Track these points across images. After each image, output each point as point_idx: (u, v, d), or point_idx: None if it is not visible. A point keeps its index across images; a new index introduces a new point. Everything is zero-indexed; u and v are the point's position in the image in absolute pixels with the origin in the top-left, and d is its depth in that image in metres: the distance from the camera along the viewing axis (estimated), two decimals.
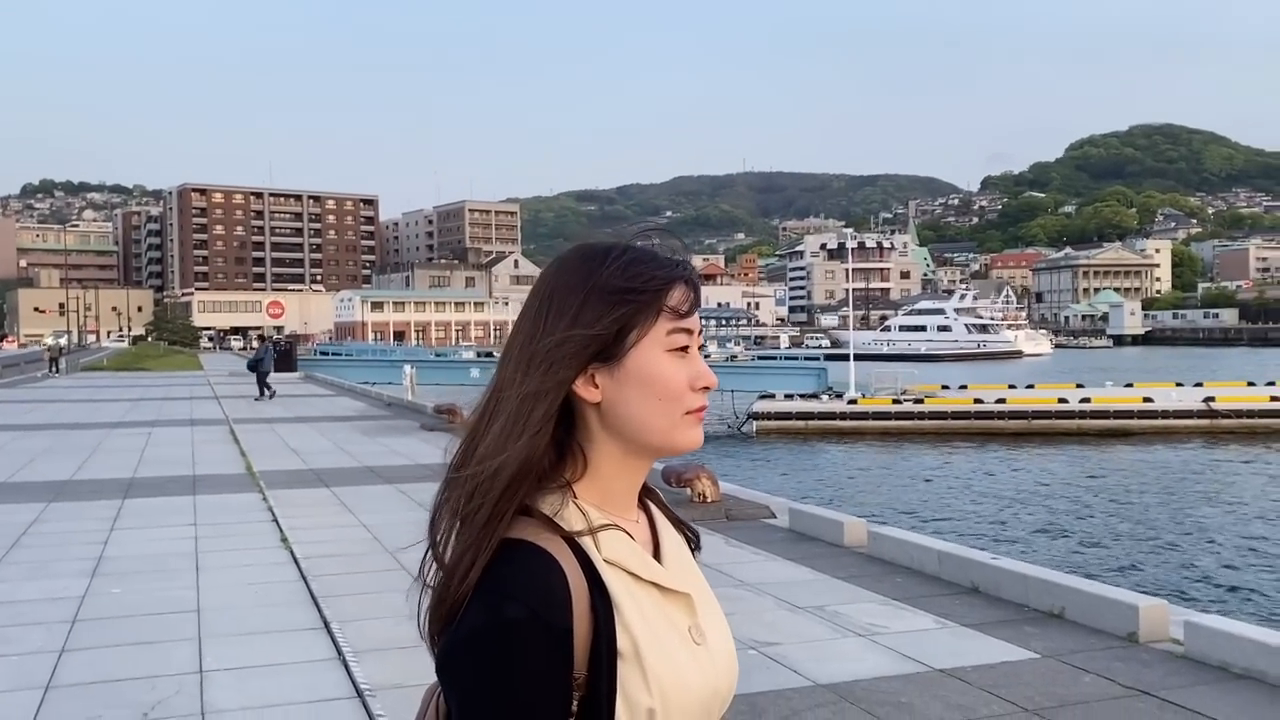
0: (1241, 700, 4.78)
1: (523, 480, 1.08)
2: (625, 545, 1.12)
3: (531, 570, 1.04)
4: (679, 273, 1.13)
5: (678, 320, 1.11)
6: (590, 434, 1.12)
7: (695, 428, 1.13)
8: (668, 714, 1.06)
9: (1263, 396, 31.22)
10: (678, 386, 1.11)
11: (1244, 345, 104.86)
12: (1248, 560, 14.22)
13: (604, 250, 1.14)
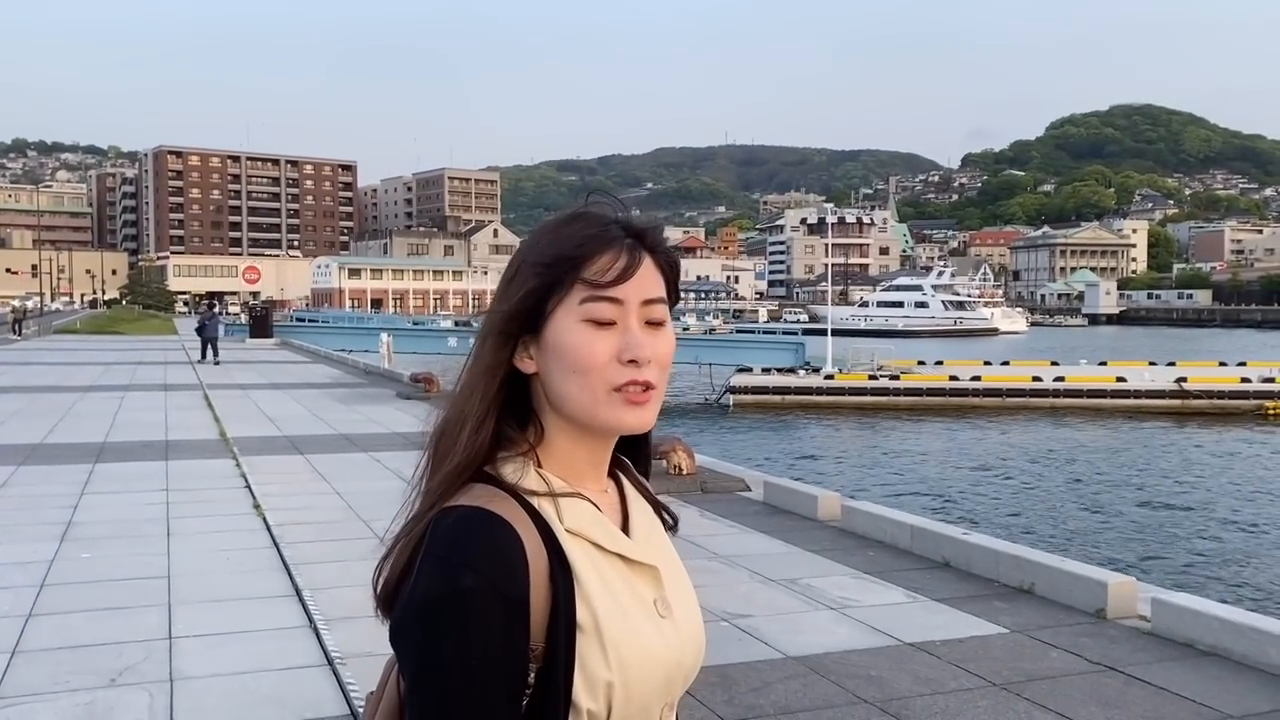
0: (1207, 677, 4.84)
1: (472, 456, 1.08)
2: (589, 515, 1.10)
3: (488, 539, 1.02)
4: (604, 241, 1.08)
5: (595, 289, 1.06)
6: (541, 405, 1.12)
7: (627, 407, 1.07)
8: (627, 687, 1.04)
9: (1233, 377, 31.54)
10: (591, 358, 1.06)
11: (1217, 326, 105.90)
12: (1215, 538, 14.41)
13: (547, 221, 1.14)
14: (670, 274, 1.14)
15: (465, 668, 0.98)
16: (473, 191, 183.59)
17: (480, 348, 1.11)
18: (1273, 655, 4.87)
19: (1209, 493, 17.90)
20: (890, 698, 4.56)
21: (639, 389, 1.07)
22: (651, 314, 1.09)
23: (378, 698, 1.18)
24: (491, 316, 1.11)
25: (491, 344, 1.10)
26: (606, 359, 1.06)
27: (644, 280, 1.09)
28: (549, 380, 1.09)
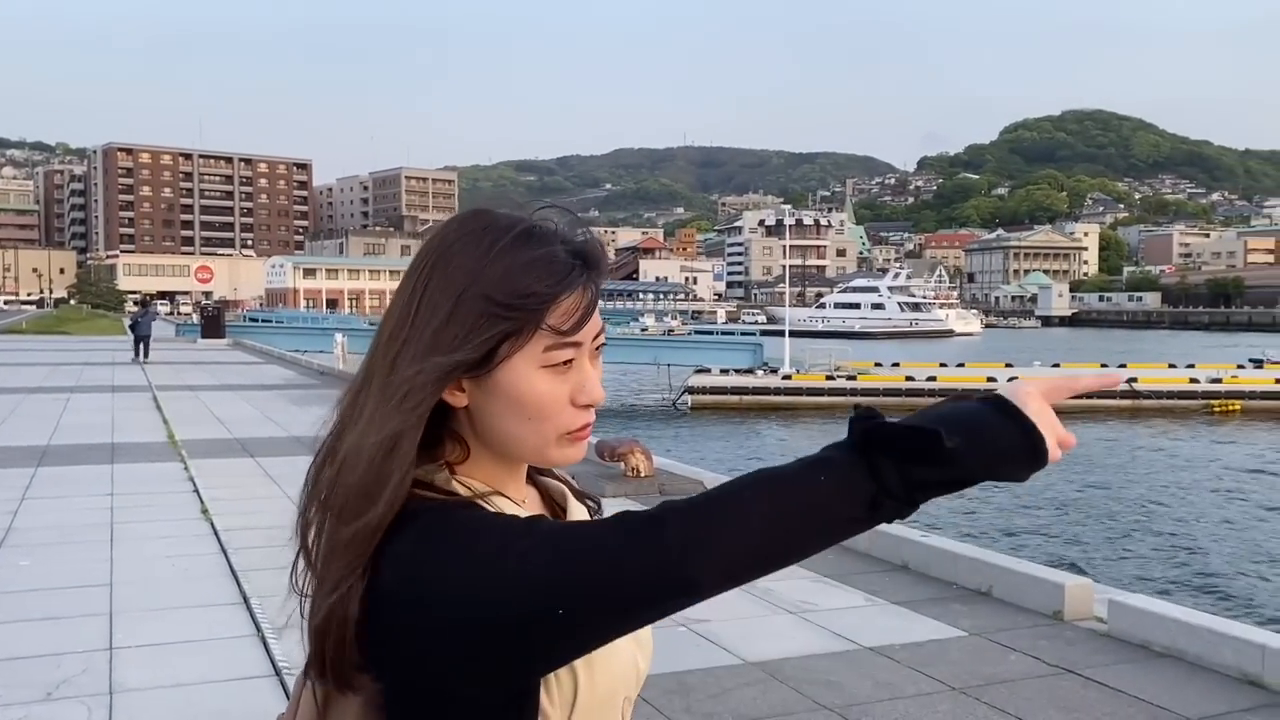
0: (1163, 678, 4.85)
1: (395, 505, 0.95)
2: (517, 510, 1.03)
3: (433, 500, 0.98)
4: (567, 284, 0.97)
5: (561, 336, 0.96)
6: (465, 431, 1.02)
7: (573, 446, 1.02)
8: (596, 682, 0.99)
9: (1182, 378, 32.13)
10: (551, 405, 0.98)
11: (1165, 328, 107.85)
12: (1169, 538, 14.61)
13: (492, 239, 0.98)
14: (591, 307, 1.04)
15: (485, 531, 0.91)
16: (430, 191, 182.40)
17: (407, 389, 0.95)
18: (1227, 656, 4.89)
19: (1162, 492, 18.16)
20: (850, 703, 4.52)
21: (585, 429, 1.02)
22: (598, 344, 1.02)
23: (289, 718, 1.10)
24: (428, 361, 0.95)
25: (429, 390, 0.95)
26: (562, 404, 0.99)
27: (596, 315, 1.00)
28: (489, 420, 1.00)
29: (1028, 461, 0.89)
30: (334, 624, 0.95)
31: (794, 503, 0.86)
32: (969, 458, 0.86)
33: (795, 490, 0.87)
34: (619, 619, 0.89)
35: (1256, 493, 17.86)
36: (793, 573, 6.76)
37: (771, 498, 0.86)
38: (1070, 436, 0.91)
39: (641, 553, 0.84)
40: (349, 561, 0.94)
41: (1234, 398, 29.97)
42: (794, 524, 0.86)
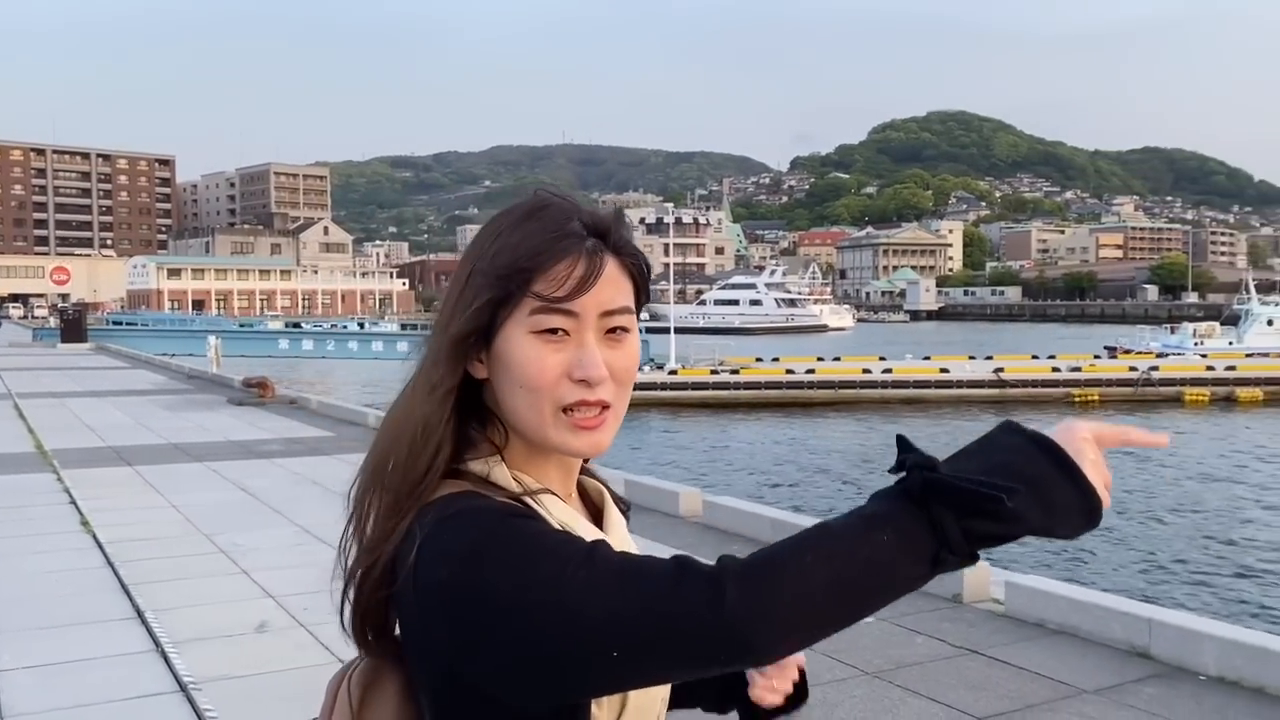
0: (1059, 654, 5.10)
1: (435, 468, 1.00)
2: (567, 510, 1.05)
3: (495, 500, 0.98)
4: (560, 249, 0.98)
5: (546, 303, 0.97)
6: (499, 412, 1.04)
7: (575, 432, 0.99)
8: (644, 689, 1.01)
9: (1045, 368, 33.77)
10: (540, 375, 0.98)
11: (1026, 321, 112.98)
12: None
13: (500, 218, 1.04)
14: (640, 275, 1.05)
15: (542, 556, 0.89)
16: (301, 188, 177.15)
17: (432, 367, 1.01)
18: (1117, 631, 5.17)
19: None
20: None
21: (592, 410, 0.99)
22: (612, 323, 1.00)
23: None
24: (443, 334, 1.01)
25: (445, 366, 1.00)
26: (556, 376, 0.98)
27: (604, 289, 0.99)
28: (499, 392, 1.02)
29: (1085, 523, 0.88)
30: (367, 591, 1.01)
31: (857, 564, 0.84)
32: (1029, 516, 0.85)
33: (858, 551, 0.85)
34: (668, 671, 0.91)
35: (1121, 476, 18.88)
36: None
37: (834, 559, 0.84)
38: (1109, 477, 0.91)
39: (703, 613, 0.83)
40: (387, 529, 0.99)
41: (1093, 386, 31.63)
42: (857, 586, 0.85)
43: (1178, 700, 4.53)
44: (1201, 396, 31.04)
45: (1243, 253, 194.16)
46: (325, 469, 10.72)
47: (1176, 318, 67.42)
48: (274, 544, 7.34)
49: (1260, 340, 42.33)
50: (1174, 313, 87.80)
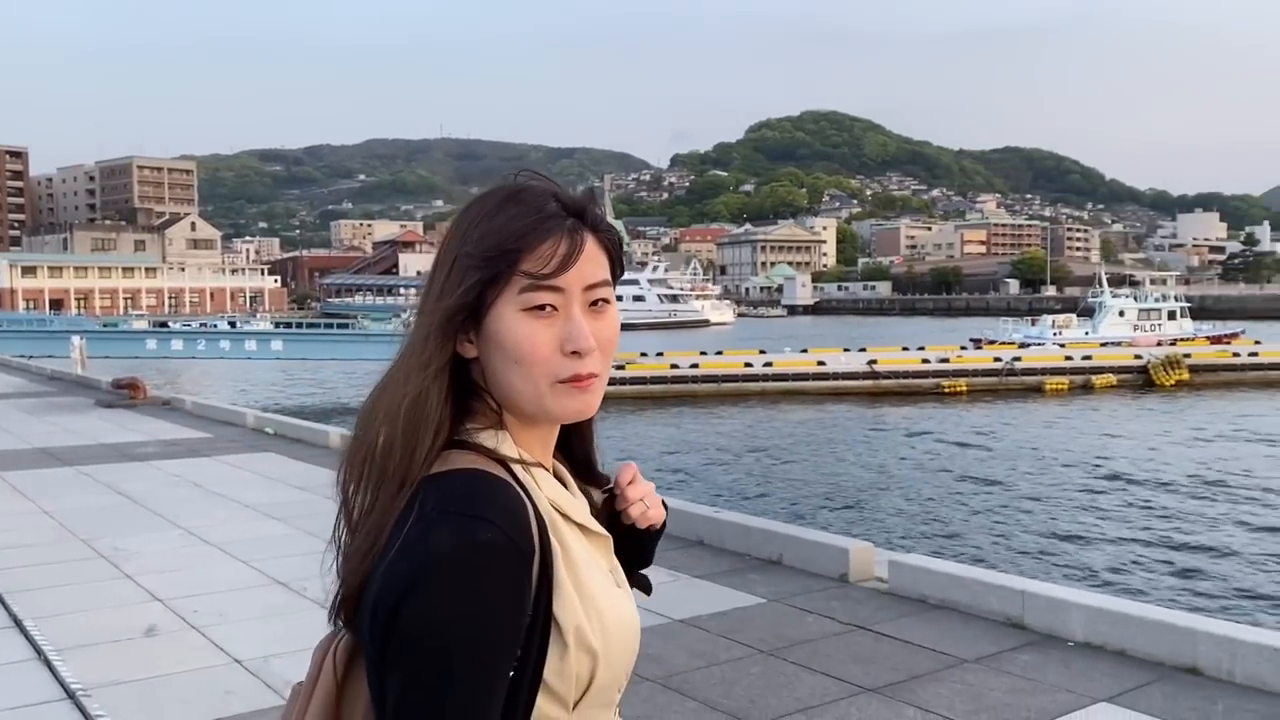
0: (940, 627, 5.38)
1: (434, 443, 1.04)
2: (555, 484, 1.11)
3: (496, 494, 1.01)
4: (544, 229, 1.05)
5: (535, 280, 1.04)
6: (490, 390, 1.10)
7: (571, 395, 1.06)
8: (608, 657, 1.05)
9: (915, 359, 35.05)
10: (534, 349, 1.04)
11: (896, 315, 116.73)
12: (933, 502, 16.03)
13: (479, 203, 1.09)
14: (614, 250, 1.12)
15: (486, 619, 0.95)
16: (166, 182, 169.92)
17: (423, 346, 1.06)
18: (993, 603, 5.48)
19: (915, 462, 19.78)
20: (670, 674, 4.74)
21: (582, 379, 1.06)
22: (595, 296, 1.08)
23: (309, 689, 1.12)
24: (432, 314, 1.06)
25: (435, 342, 1.05)
26: (549, 351, 1.04)
27: (586, 264, 1.06)
28: (491, 369, 1.07)
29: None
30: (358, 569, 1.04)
31: None
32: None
33: None
34: None
35: (995, 460, 19.78)
36: None
37: None
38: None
39: None
40: (393, 508, 1.02)
41: (960, 376, 32.96)
42: None
43: (1049, 665, 4.84)
44: (1060, 384, 32.69)
45: (1096, 248, 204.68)
46: (206, 471, 10.41)
47: (1036, 310, 70.69)
48: (158, 548, 7.12)
49: (1113, 330, 44.81)
50: (1034, 305, 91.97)
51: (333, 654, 1.10)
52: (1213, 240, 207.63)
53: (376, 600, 0.98)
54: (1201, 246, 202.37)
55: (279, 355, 33.58)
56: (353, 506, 1.08)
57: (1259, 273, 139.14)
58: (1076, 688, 4.56)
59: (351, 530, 1.08)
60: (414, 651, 0.95)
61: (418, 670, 0.95)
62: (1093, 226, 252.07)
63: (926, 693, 4.53)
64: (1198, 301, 69.47)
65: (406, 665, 0.95)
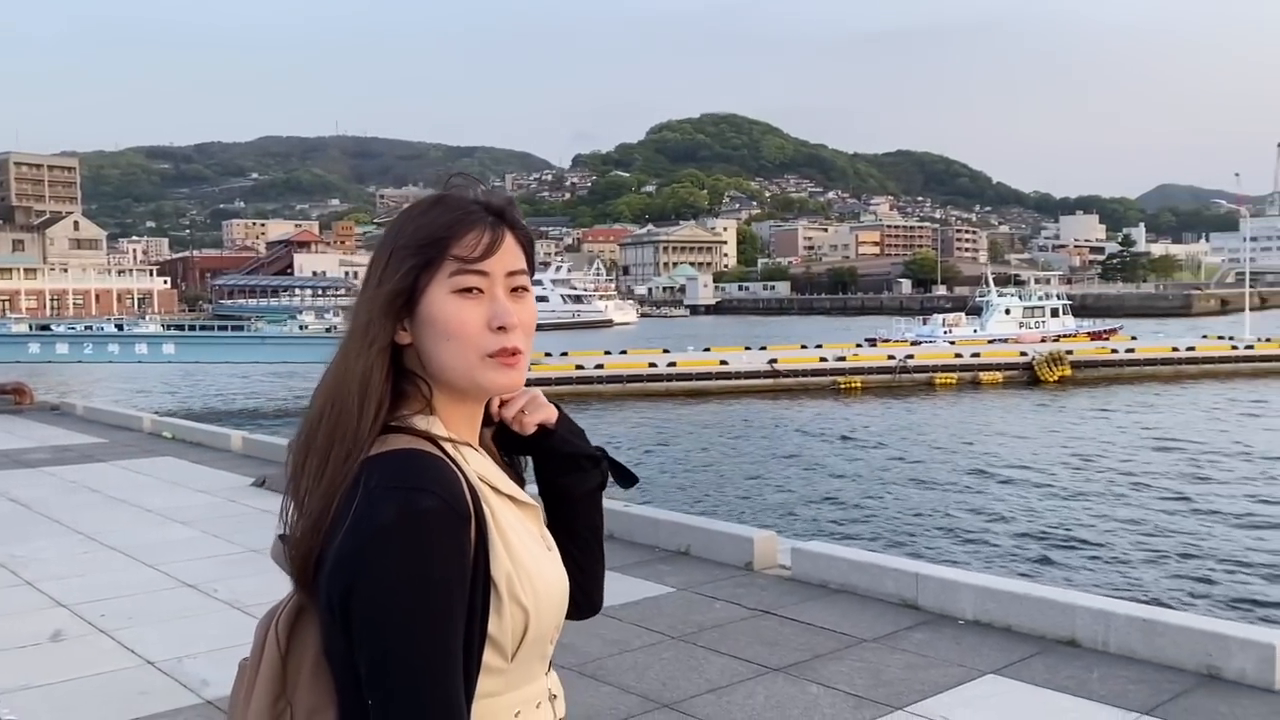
0: (841, 609, 5.66)
1: (377, 418, 1.16)
2: (482, 460, 1.24)
3: (436, 469, 1.13)
4: (468, 222, 1.19)
5: (463, 264, 1.17)
6: (421, 374, 1.22)
7: (500, 370, 1.19)
8: (539, 612, 1.18)
9: (813, 358, 35.86)
10: (462, 326, 1.17)
11: (795, 314, 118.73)
12: (832, 492, 16.55)
13: (411, 208, 1.24)
14: (529, 247, 1.27)
15: (432, 582, 1.07)
16: (46, 179, 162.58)
17: (365, 328, 1.18)
18: (889, 586, 5.78)
19: (814, 456, 20.31)
20: (586, 661, 4.89)
21: (509, 354, 1.19)
22: (515, 283, 1.22)
23: (254, 663, 1.22)
24: (373, 299, 1.19)
25: (379, 324, 1.18)
26: (478, 327, 1.18)
27: (507, 254, 1.21)
28: (425, 350, 1.20)
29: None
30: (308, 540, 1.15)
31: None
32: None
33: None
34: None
35: (889, 453, 20.43)
36: None
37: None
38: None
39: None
40: (338, 477, 1.14)
41: (856, 374, 33.87)
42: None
43: (941, 642, 5.15)
44: (950, 380, 33.83)
45: (984, 248, 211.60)
46: (103, 476, 10.16)
47: (928, 309, 72.86)
48: (58, 553, 6.97)
49: (1000, 328, 46.53)
50: (925, 304, 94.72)
51: (274, 628, 1.20)
52: (1092, 241, 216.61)
53: (332, 571, 1.10)
54: (1082, 247, 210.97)
55: (171, 359, 32.56)
56: (301, 477, 1.18)
57: (1135, 272, 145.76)
58: (967, 662, 4.87)
59: (300, 500, 1.18)
60: (377, 620, 1.06)
61: (384, 636, 1.06)
62: (980, 228, 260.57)
63: (829, 671, 4.78)
64: (1079, 300, 72.54)
65: (372, 633, 1.06)
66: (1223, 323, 62.93)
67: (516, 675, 1.19)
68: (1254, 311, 50.16)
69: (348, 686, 1.13)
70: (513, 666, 1.18)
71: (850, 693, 4.52)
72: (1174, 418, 25.33)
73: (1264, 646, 4.48)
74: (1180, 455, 19.66)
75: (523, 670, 1.20)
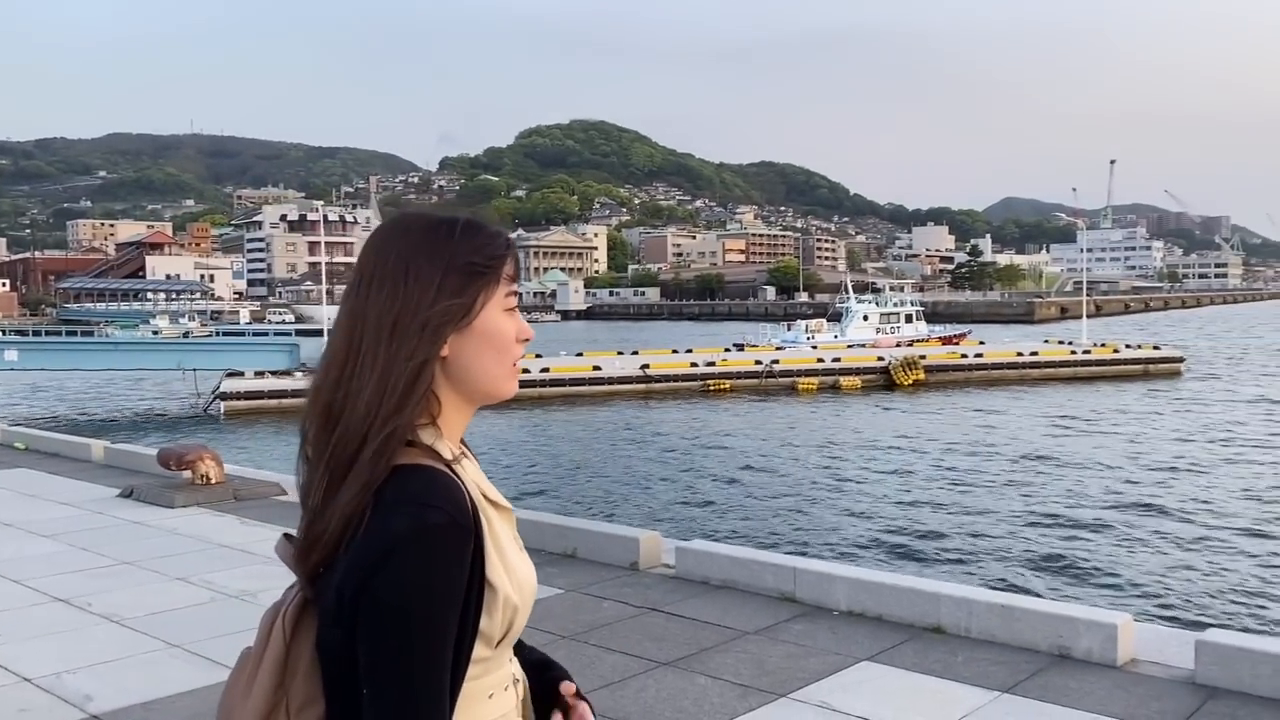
0: (724, 604, 5.89)
1: (408, 427, 1.27)
2: (474, 468, 1.36)
3: (441, 484, 1.24)
4: (510, 243, 1.35)
5: (511, 284, 1.33)
6: (438, 383, 1.33)
7: (514, 378, 1.35)
8: (524, 608, 1.32)
9: (684, 363, 36.51)
10: (509, 338, 1.33)
11: (665, 319, 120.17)
12: (710, 492, 16.95)
13: (447, 225, 1.33)
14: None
15: (443, 591, 1.19)
16: None
17: (418, 340, 1.27)
18: (769, 581, 6.05)
19: (697, 455, 20.71)
20: None
21: (518, 363, 1.36)
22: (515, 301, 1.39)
23: (259, 651, 1.30)
24: (446, 311, 1.28)
25: (433, 336, 1.27)
26: (511, 338, 1.33)
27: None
28: (468, 361, 1.31)
29: None
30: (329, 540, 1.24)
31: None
32: None
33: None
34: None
35: (760, 452, 20.98)
36: None
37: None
38: None
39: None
40: (369, 480, 1.23)
41: (725, 378, 34.63)
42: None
43: (819, 632, 5.44)
44: (812, 385, 34.93)
45: (843, 257, 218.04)
46: None
47: (791, 315, 74.59)
48: None
49: (859, 334, 48.24)
50: (789, 311, 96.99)
51: (282, 619, 1.29)
52: (943, 251, 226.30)
53: (346, 572, 1.20)
54: (933, 256, 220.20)
55: (14, 366, 30.78)
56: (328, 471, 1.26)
57: (982, 280, 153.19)
58: (843, 650, 5.16)
59: (324, 497, 1.26)
60: (382, 618, 1.17)
61: (387, 633, 1.17)
62: (839, 237, 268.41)
63: (715, 663, 5.00)
64: (931, 306, 75.65)
65: (377, 629, 1.18)
66: (1061, 329, 66.82)
67: (494, 662, 1.31)
68: (1090, 318, 53.36)
69: (336, 681, 1.23)
70: (493, 655, 1.29)
71: (737, 682, 4.74)
72: (1018, 419, 26.80)
73: (1107, 627, 4.91)
74: (1029, 451, 20.87)
75: (499, 657, 1.32)
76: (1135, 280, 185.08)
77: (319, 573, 1.27)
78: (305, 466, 1.31)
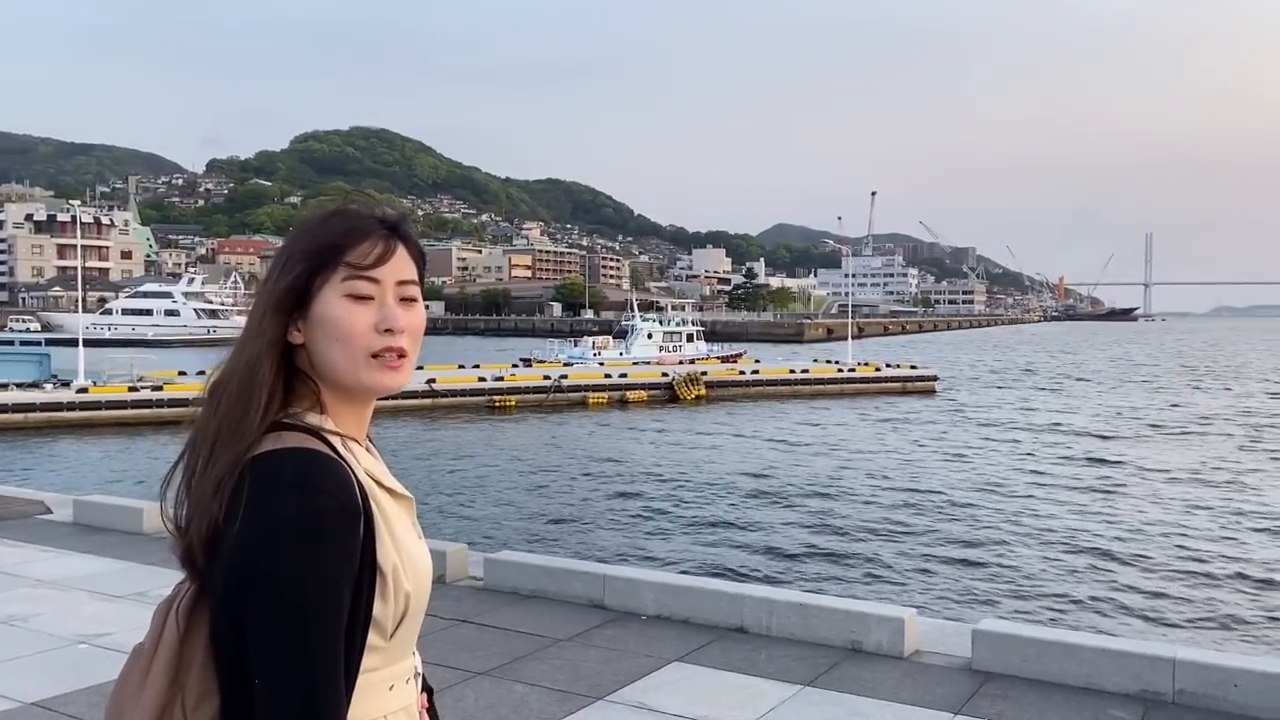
0: (535, 613, 5.94)
1: (268, 412, 1.25)
2: (369, 456, 1.35)
3: (328, 468, 1.22)
4: (363, 231, 1.30)
5: (355, 271, 1.27)
6: (310, 371, 1.32)
7: (383, 370, 1.28)
8: (418, 595, 1.32)
9: (471, 378, 36.16)
10: (351, 328, 1.26)
11: (450, 334, 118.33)
12: (511, 504, 16.93)
13: (322, 214, 1.36)
14: (420, 261, 1.40)
15: (326, 576, 1.17)
16: None
17: (259, 323, 1.28)
18: (578, 588, 6.14)
19: (491, 469, 20.54)
20: None
21: (393, 355, 1.29)
22: (405, 292, 1.34)
23: (152, 645, 1.26)
24: (268, 296, 1.29)
25: (271, 319, 1.27)
26: (366, 329, 1.27)
27: (398, 264, 1.33)
28: (315, 350, 1.29)
29: None
30: (199, 530, 1.23)
31: None
32: None
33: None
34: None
35: (556, 464, 21.05)
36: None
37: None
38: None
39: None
40: (230, 464, 1.22)
41: (514, 393, 34.55)
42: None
43: (629, 636, 5.57)
44: (601, 400, 35.45)
45: (627, 276, 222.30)
46: None
47: (578, 331, 75.33)
48: None
49: (643, 351, 49.31)
50: (575, 327, 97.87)
51: (175, 612, 1.25)
52: (720, 272, 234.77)
53: (230, 560, 1.18)
54: (712, 278, 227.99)
55: None
56: (195, 462, 1.25)
57: (757, 302, 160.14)
58: (653, 652, 5.32)
59: (190, 485, 1.25)
60: (272, 603, 1.15)
61: (277, 618, 1.15)
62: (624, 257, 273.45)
63: (531, 670, 5.03)
64: (710, 326, 78.46)
65: (267, 615, 1.15)
66: (827, 348, 70.82)
67: (393, 653, 1.30)
68: (854, 339, 56.87)
69: (230, 672, 1.20)
70: (390, 645, 1.28)
71: (554, 688, 4.80)
72: (795, 430, 28.23)
73: (895, 620, 5.30)
74: (806, 458, 22.02)
75: (398, 648, 1.31)
76: (894, 304, 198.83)
77: (204, 560, 1.23)
78: (189, 454, 1.28)
